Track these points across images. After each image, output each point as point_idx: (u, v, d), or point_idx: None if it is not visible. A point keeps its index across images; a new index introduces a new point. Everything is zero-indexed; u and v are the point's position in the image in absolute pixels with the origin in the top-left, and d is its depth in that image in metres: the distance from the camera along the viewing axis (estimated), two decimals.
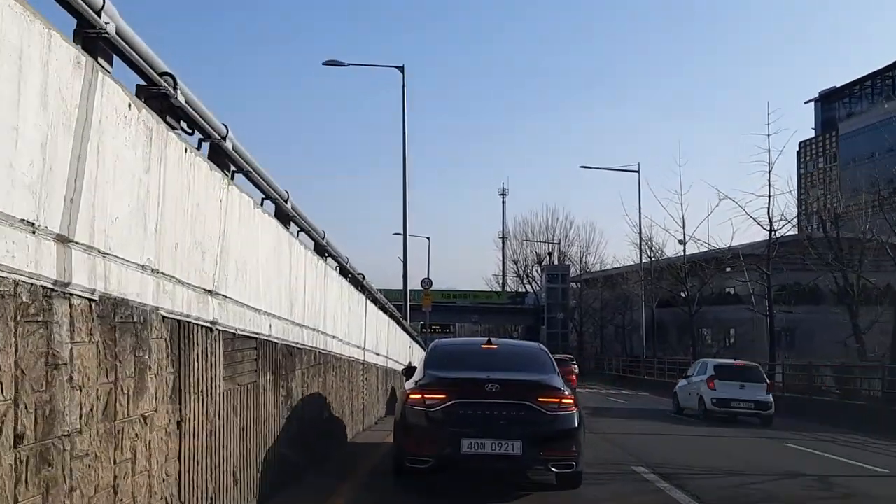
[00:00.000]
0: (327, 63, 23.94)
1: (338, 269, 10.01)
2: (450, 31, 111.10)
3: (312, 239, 8.14)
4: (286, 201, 6.75)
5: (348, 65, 24.11)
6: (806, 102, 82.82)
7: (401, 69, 24.24)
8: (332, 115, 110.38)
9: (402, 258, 25.75)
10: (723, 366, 20.20)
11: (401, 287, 27.81)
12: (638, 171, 38.49)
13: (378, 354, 14.22)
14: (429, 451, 7.08)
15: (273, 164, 7.13)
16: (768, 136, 29.40)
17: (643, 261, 40.13)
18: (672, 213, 48.36)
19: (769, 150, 29.63)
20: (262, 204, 6.13)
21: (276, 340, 6.46)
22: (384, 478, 7.95)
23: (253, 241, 5.75)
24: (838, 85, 79.07)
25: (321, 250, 8.55)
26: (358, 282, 11.39)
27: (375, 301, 14.02)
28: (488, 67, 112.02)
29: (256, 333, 5.90)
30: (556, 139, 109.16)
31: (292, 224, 7.11)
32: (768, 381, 19.68)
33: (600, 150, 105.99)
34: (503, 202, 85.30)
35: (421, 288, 49.69)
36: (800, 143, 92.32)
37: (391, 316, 17.02)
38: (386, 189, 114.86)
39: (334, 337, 9.24)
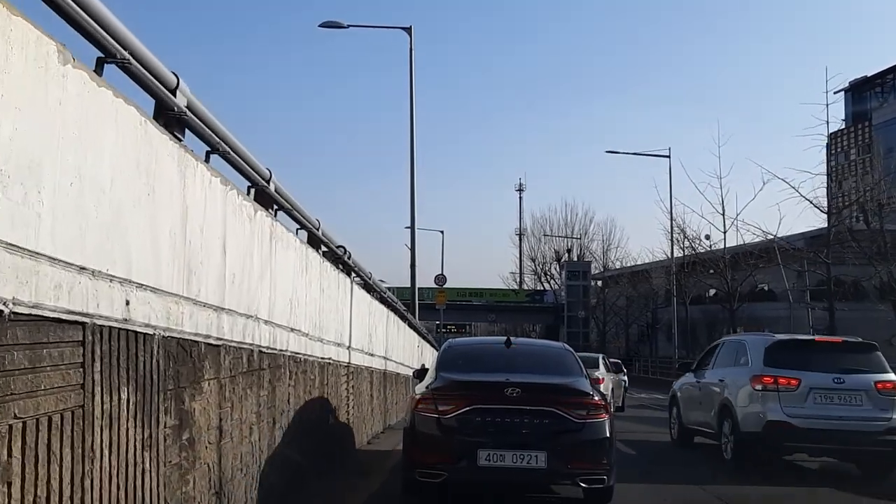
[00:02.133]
0: (325, 25, 21.06)
1: (304, 235, 7.17)
2: (459, 24, 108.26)
3: (245, 175, 5.26)
4: (174, 91, 3.88)
5: (348, 26, 21.19)
6: (835, 92, 79.36)
7: (408, 31, 21.39)
8: (336, 109, 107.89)
9: (409, 245, 22.85)
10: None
11: (414, 285, 24.59)
12: (668, 157, 35.34)
13: (373, 355, 11.36)
14: (441, 464, 6.32)
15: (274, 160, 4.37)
16: (826, 105, 26.33)
17: (678, 254, 36.87)
18: (710, 199, 44.90)
19: (828, 122, 26.54)
20: (99, 71, 3.28)
21: (145, 330, 3.62)
22: None
23: (66, 130, 2.91)
24: (869, 74, 75.69)
25: (264, 199, 5.68)
26: (337, 257, 8.50)
27: (369, 287, 11.18)
28: (502, 60, 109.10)
29: (83, 315, 3.07)
30: (576, 132, 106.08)
31: (188, 133, 4.23)
32: (625, 369, 29.51)
33: (624, 145, 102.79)
34: (520, 198, 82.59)
35: (435, 285, 46.99)
36: (829, 135, 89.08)
37: (393, 308, 14.13)
38: (397, 188, 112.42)
39: (293, 329, 6.39)
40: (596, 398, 6.63)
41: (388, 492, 7.40)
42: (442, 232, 49.91)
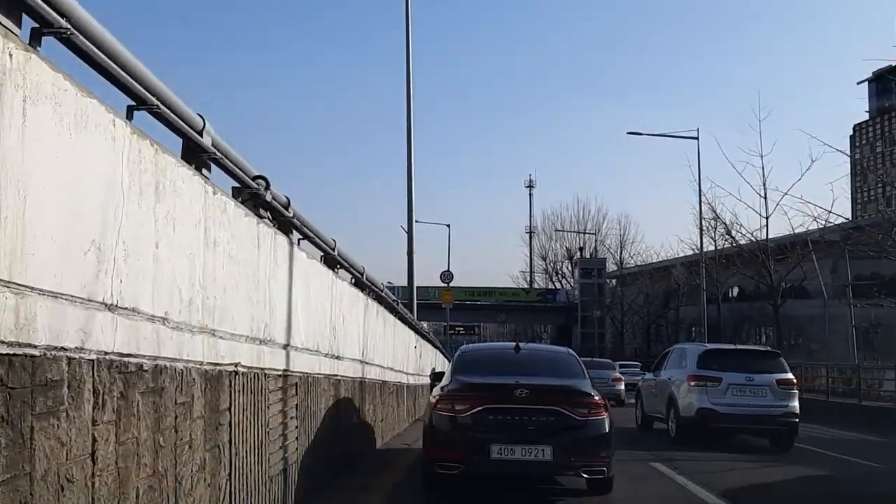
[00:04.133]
0: None
1: (176, 143, 3.94)
2: (466, 22, 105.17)
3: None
4: None
5: None
6: (859, 83, 75.61)
7: None
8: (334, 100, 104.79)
9: (405, 228, 19.56)
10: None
11: (416, 285, 21.19)
12: (697, 139, 31.84)
13: (339, 358, 8.03)
14: (458, 458, 6.97)
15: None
16: None
17: (711, 246, 33.40)
18: (749, 180, 41.11)
19: None
20: None
21: None
22: None
23: None
24: (894, 63, 72.13)
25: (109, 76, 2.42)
26: (255, 195, 5.15)
27: (332, 262, 7.93)
28: (513, 55, 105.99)
29: None
30: (589, 127, 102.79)
31: None
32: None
33: (644, 139, 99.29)
34: (530, 194, 79.48)
35: (441, 283, 43.67)
36: (854, 127, 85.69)
37: (375, 296, 10.83)
38: (402, 188, 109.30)
39: (111, 307, 3.11)
40: (596, 398, 7.24)
41: None
42: (448, 226, 46.49)
